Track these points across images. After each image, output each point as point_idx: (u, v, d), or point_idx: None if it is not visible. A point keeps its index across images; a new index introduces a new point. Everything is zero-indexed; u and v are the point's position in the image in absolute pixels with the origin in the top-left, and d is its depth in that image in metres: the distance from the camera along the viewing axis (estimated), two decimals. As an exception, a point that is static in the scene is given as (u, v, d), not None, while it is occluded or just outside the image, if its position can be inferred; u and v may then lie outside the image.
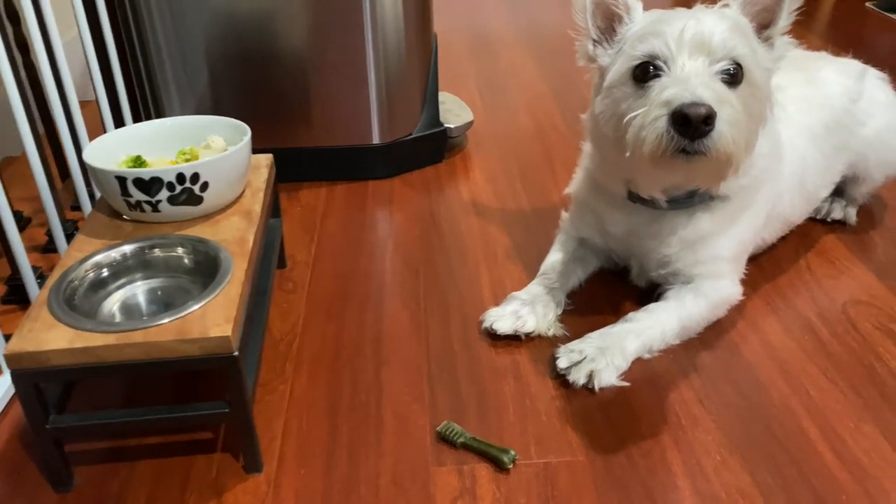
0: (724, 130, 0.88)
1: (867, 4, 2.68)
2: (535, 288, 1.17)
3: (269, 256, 1.17)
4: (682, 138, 0.88)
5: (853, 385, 1.03)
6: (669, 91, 0.90)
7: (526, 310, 1.12)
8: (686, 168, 0.93)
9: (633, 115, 0.93)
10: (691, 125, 0.87)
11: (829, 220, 1.39)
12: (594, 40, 1.05)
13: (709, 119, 0.87)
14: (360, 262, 1.33)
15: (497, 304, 1.17)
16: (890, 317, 1.16)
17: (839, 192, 1.38)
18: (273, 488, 0.91)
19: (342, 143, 1.57)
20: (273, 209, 1.24)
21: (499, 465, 0.92)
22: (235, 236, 1.00)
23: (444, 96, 1.78)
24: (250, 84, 1.52)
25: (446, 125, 1.65)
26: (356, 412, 1.01)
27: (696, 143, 0.88)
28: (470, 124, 1.71)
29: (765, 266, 1.28)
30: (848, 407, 1.00)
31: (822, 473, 0.90)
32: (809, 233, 1.37)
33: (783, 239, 1.32)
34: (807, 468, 0.91)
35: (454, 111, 1.73)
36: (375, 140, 1.58)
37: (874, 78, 1.34)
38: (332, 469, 0.93)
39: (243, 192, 1.10)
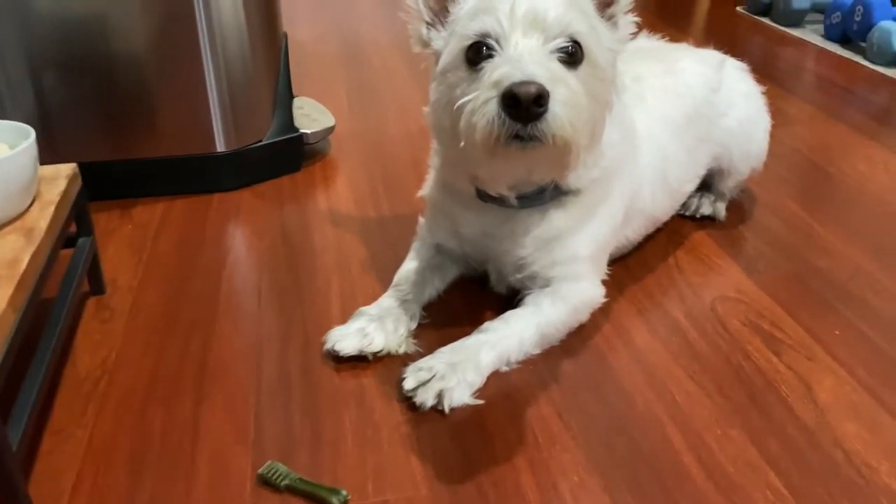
0: (558, 112, 0.79)
1: (738, 9, 2.73)
2: (386, 301, 1.05)
3: (71, 282, 1.00)
4: (515, 122, 0.79)
5: (720, 387, 0.96)
6: (500, 71, 0.81)
7: (373, 326, 1.00)
8: (523, 157, 0.84)
9: (465, 99, 0.84)
10: (521, 106, 0.78)
11: (698, 216, 1.34)
12: (427, 23, 0.95)
13: (540, 99, 0.78)
14: (193, 283, 1.17)
15: (346, 321, 1.04)
16: (757, 312, 1.11)
17: (707, 187, 1.34)
18: (51, 560, 0.75)
19: (182, 152, 1.42)
20: (81, 227, 1.08)
21: (328, 508, 0.79)
22: (6, 258, 0.83)
23: (302, 101, 1.66)
24: (79, 91, 1.34)
25: (302, 131, 1.53)
26: (165, 459, 0.86)
27: (530, 127, 0.79)
28: (330, 130, 1.59)
29: (632, 266, 1.21)
30: (715, 412, 0.92)
31: (686, 487, 0.82)
32: (679, 230, 1.31)
33: (651, 237, 1.25)
34: (671, 482, 0.82)
35: (312, 116, 1.60)
36: (220, 148, 1.43)
37: (733, 68, 1.30)
38: (128, 530, 0.78)
39: (30, 206, 0.94)
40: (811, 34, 2.42)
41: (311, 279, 1.18)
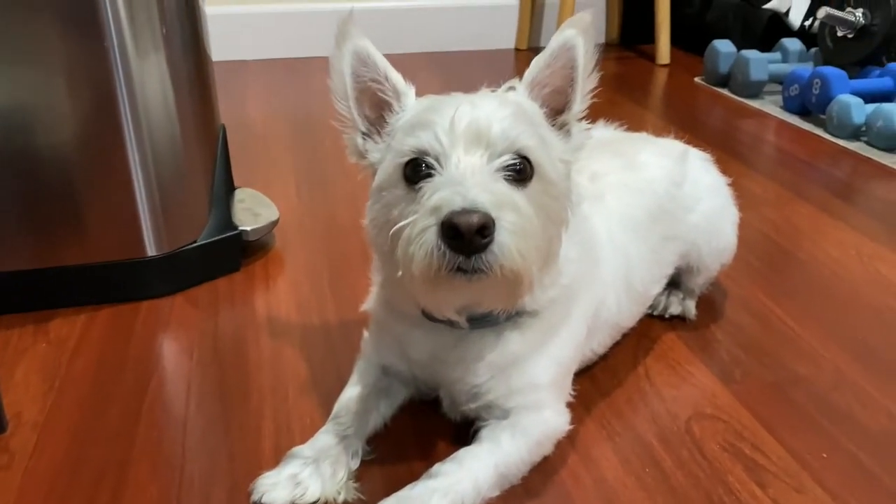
0: (506, 242, 0.70)
1: (696, 80, 2.72)
2: (323, 438, 0.93)
3: (-43, 429, 0.87)
4: (456, 254, 0.70)
5: (702, 532, 0.85)
6: (439, 195, 0.72)
7: (308, 471, 0.88)
8: (468, 289, 0.74)
9: (402, 224, 0.74)
10: (463, 238, 0.68)
11: (666, 315, 1.25)
12: (363, 133, 0.86)
13: (484, 229, 0.69)
14: (108, 415, 1.04)
15: (278, 461, 0.92)
16: (736, 432, 1.01)
17: (675, 283, 1.25)
18: None
19: (109, 257, 1.30)
20: (-24, 359, 0.95)
21: None
22: None
23: (244, 193, 1.55)
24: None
25: (241, 228, 1.42)
26: None
27: (474, 259, 0.70)
28: (273, 224, 1.49)
29: (599, 377, 1.11)
30: (698, 566, 0.81)
31: None
32: (647, 332, 1.22)
33: (618, 342, 1.16)
34: None
35: (254, 210, 1.49)
36: (150, 251, 1.31)
37: (697, 159, 1.23)
38: None
39: None
40: (770, 105, 2.40)
41: (242, 406, 1.06)
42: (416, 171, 0.76)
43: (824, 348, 1.18)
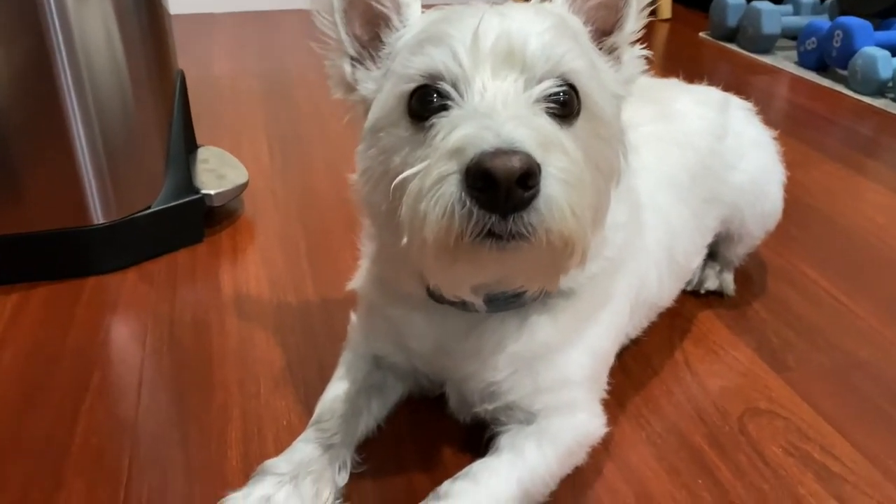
0: (556, 196, 0.52)
1: (700, 35, 2.53)
2: (302, 448, 0.75)
3: None
4: (488, 213, 0.51)
5: (777, 563, 0.69)
6: (461, 132, 0.53)
7: (284, 493, 0.70)
8: (500, 260, 0.55)
9: (408, 173, 0.55)
10: (500, 189, 0.50)
11: (702, 291, 1.08)
12: (352, 58, 0.67)
13: (528, 178, 0.50)
14: (37, 420, 0.85)
15: (248, 474, 0.73)
16: (800, 431, 0.84)
17: (711, 254, 1.08)
18: None
19: (48, 226, 1.09)
20: None
21: None
22: None
23: (208, 152, 1.35)
24: None
25: (204, 191, 1.22)
26: None
27: (512, 220, 0.51)
28: (242, 188, 1.29)
29: (630, 367, 0.93)
30: None
31: None
32: (681, 311, 1.04)
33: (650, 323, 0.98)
34: None
35: (219, 171, 1.29)
36: (97, 218, 1.11)
37: (739, 109, 1.05)
38: None
39: None
40: (783, 60, 2.23)
41: (203, 406, 0.87)
42: (426, 102, 0.57)
43: (885, 327, 1.02)
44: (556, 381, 0.73)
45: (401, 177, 0.55)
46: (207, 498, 0.73)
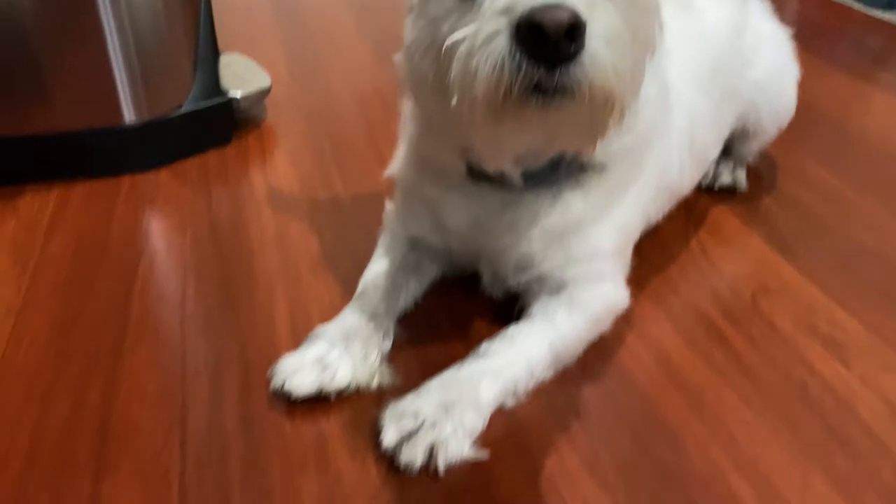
0: (600, 52, 0.56)
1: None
2: (350, 317, 0.81)
3: (-86, 311, 0.73)
4: (536, 65, 0.55)
5: (786, 414, 0.75)
6: None
7: (336, 353, 0.76)
8: (544, 119, 0.59)
9: (459, 35, 0.59)
10: (548, 41, 0.54)
11: (716, 187, 1.12)
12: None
13: (575, 31, 0.54)
14: (94, 299, 0.90)
15: (297, 345, 0.79)
16: (809, 308, 0.90)
17: (724, 151, 1.11)
18: None
19: (81, 125, 1.13)
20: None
21: None
22: None
23: (230, 58, 1.37)
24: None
25: (232, 94, 1.24)
26: (48, 571, 0.61)
27: (559, 73, 0.55)
28: (265, 92, 1.31)
29: (649, 253, 0.98)
30: (786, 450, 0.71)
31: (774, 571, 0.61)
32: (696, 204, 1.09)
33: (667, 215, 1.03)
34: (753, 564, 0.61)
35: (243, 76, 1.31)
36: (128, 118, 1.15)
37: (757, 4, 1.08)
38: None
39: None
40: (794, -25, 2.21)
41: (249, 287, 0.92)
42: None
43: (891, 219, 1.07)
44: (586, 252, 0.78)
45: (451, 39, 0.59)
46: (262, 362, 0.79)
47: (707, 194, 1.12)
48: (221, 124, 1.24)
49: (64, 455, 0.70)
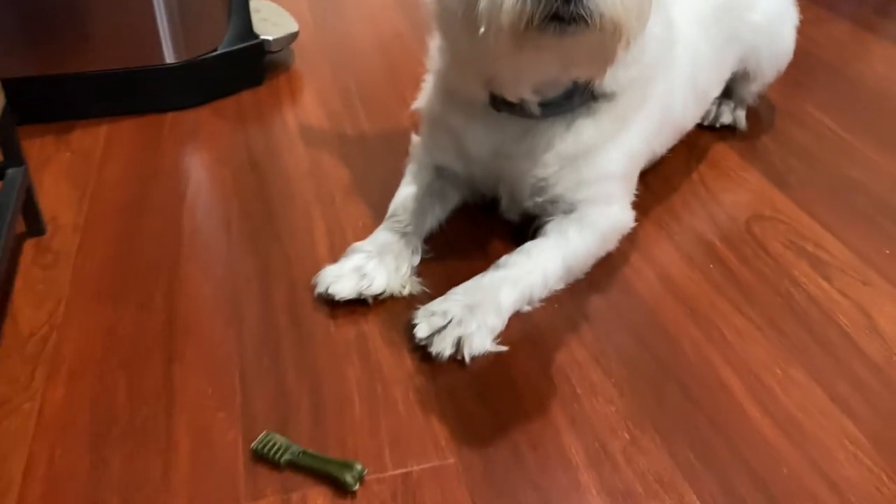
0: None
1: None
2: (383, 235, 0.90)
3: (3, 219, 0.82)
4: None
5: (772, 320, 0.85)
6: None
7: (372, 264, 0.86)
8: (559, 46, 0.68)
9: None
10: None
11: (717, 125, 1.20)
12: None
13: None
14: (149, 219, 1.00)
15: (335, 260, 0.89)
16: (798, 232, 0.99)
17: (726, 92, 1.19)
18: (2, 570, 0.60)
19: (125, 64, 1.21)
20: (9, 156, 0.89)
21: (341, 487, 0.66)
22: (-90, 196, 0.65)
23: (259, 3, 1.44)
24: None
25: (263, 37, 1.32)
26: (135, 434, 0.71)
27: (574, 3, 0.64)
28: (294, 36, 1.39)
29: (653, 184, 1.07)
30: (771, 349, 0.81)
31: (754, 441, 0.71)
32: (697, 142, 1.18)
33: (670, 150, 1.11)
34: (736, 436, 0.71)
35: (272, 20, 1.39)
36: (169, 58, 1.23)
37: (761, -47, 1.14)
38: (96, 526, 0.64)
39: (-63, 130, 0.75)
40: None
41: (288, 210, 1.02)
42: None
43: (879, 156, 1.15)
44: (596, 175, 0.87)
45: None
46: (305, 275, 0.89)
47: (708, 132, 1.20)
48: (254, 66, 1.32)
49: (137, 345, 0.80)
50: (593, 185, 0.88)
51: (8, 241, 0.82)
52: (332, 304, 0.85)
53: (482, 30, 0.68)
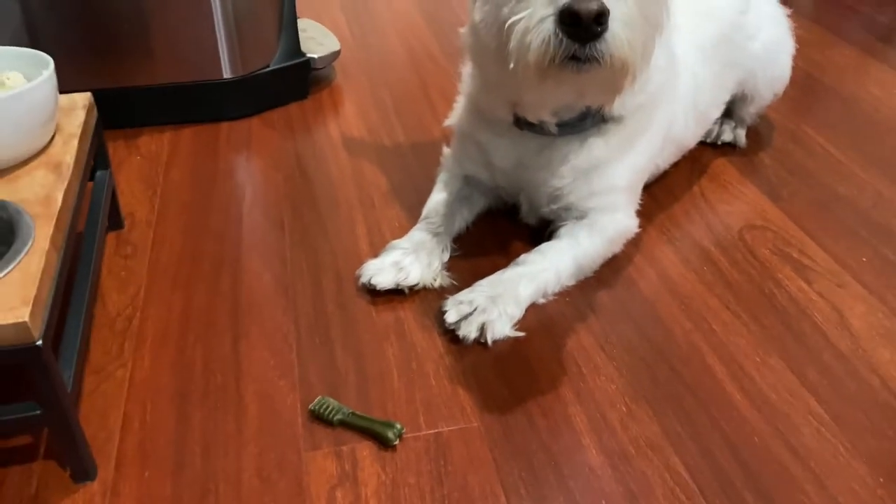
0: (618, 32, 0.76)
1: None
2: (417, 234, 1.04)
3: (96, 217, 0.97)
4: (573, 42, 0.76)
5: (755, 315, 0.97)
6: None
7: (409, 259, 0.99)
8: (576, 80, 0.81)
9: (517, 17, 0.80)
10: (581, 25, 0.75)
11: (719, 142, 1.33)
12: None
13: (601, 17, 0.75)
14: (213, 217, 1.14)
15: (375, 255, 1.03)
16: (785, 240, 1.11)
17: (727, 113, 1.32)
18: (110, 498, 0.75)
19: (187, 78, 1.36)
20: (99, 159, 1.04)
21: (383, 443, 0.80)
22: (39, 195, 0.80)
23: (305, 23, 1.59)
24: (71, 12, 1.27)
25: (310, 55, 1.47)
26: (211, 396, 0.85)
27: (588, 47, 0.76)
28: (336, 54, 1.53)
29: (657, 194, 1.20)
30: (752, 340, 0.94)
31: (731, 415, 0.84)
32: (700, 157, 1.30)
33: (674, 165, 1.24)
34: (716, 411, 0.84)
35: (317, 39, 1.53)
36: (226, 74, 1.37)
37: (761, -12, 1.27)
38: (184, 468, 0.78)
39: (52, 140, 0.89)
40: (815, -48, 2.36)
41: (334, 213, 1.16)
42: None
43: (865, 173, 1.27)
44: (605, 186, 1.00)
45: (511, 20, 0.80)
46: (349, 268, 1.03)
47: (710, 148, 1.33)
48: (301, 81, 1.46)
49: (208, 324, 0.95)
50: (602, 195, 1.01)
51: (101, 235, 0.96)
52: (373, 293, 0.99)
53: (511, 65, 0.81)
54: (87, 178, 0.91)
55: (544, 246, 1.01)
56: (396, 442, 0.79)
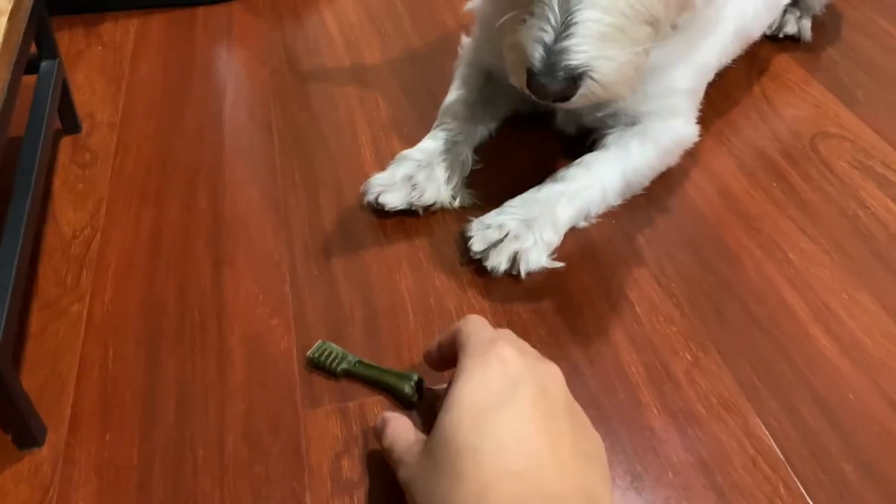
0: (593, 89, 0.66)
1: None
2: (432, 143, 0.86)
3: (40, 117, 0.79)
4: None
5: (838, 242, 0.81)
6: (526, 32, 0.67)
7: (423, 174, 0.82)
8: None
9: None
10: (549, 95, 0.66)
11: (780, 35, 1.13)
12: None
13: (569, 91, 0.66)
14: (188, 118, 0.96)
15: (382, 167, 0.85)
16: (866, 152, 0.94)
17: (793, 2, 1.12)
18: (62, 467, 0.61)
19: (155, -46, 1.15)
20: (44, 48, 0.85)
21: (398, 397, 0.65)
22: (-49, 86, 0.62)
23: None
24: None
25: (298, -73, 1.24)
26: (187, 338, 0.70)
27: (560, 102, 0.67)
28: (330, -72, 1.30)
29: (711, 96, 1.01)
30: (836, 272, 0.78)
31: (819, 365, 0.69)
32: (757, 52, 1.11)
33: (733, 61, 1.05)
34: (800, 360, 0.69)
35: None
36: (200, -52, 1.16)
37: None
38: (154, 428, 0.63)
39: (-28, 16, 0.70)
40: None
41: (331, 115, 0.98)
42: None
43: (953, 73, 1.09)
44: (662, 89, 0.82)
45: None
46: (353, 183, 0.86)
47: (770, 43, 1.14)
48: (289, -42, 1.24)
49: (184, 248, 0.79)
50: (658, 99, 0.83)
51: (46, 139, 0.78)
52: (380, 214, 0.82)
53: None
54: (21, 68, 0.73)
55: (588, 157, 0.83)
56: (415, 397, 0.65)
